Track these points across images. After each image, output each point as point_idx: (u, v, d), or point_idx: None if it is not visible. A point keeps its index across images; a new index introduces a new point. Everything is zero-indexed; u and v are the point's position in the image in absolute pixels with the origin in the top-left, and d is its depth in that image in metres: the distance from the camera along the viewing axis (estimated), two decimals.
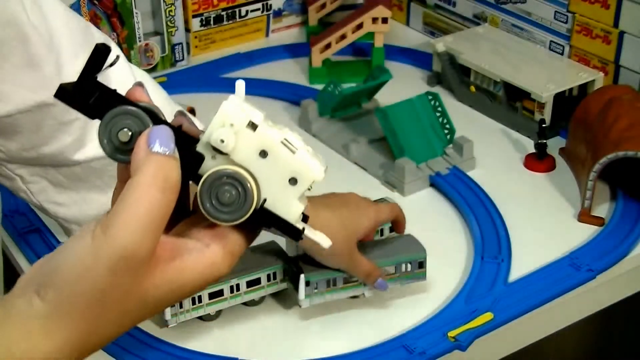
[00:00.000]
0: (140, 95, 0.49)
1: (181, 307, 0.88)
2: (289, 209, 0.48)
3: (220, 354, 0.87)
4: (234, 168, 0.47)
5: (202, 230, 0.49)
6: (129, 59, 1.42)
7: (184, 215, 0.51)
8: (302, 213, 0.50)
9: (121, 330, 0.49)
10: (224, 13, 1.52)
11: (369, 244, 0.94)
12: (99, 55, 0.46)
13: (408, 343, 0.87)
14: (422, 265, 0.93)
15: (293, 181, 0.48)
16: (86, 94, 0.47)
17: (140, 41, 1.41)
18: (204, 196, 0.47)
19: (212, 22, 1.51)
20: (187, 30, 1.48)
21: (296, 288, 0.91)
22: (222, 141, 0.47)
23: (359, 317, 0.93)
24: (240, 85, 0.50)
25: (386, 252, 0.93)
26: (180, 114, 0.51)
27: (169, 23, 1.43)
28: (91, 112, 0.47)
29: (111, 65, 0.48)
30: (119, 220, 0.44)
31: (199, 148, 0.48)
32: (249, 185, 0.47)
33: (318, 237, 0.50)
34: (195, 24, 1.49)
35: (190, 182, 0.49)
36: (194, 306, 0.89)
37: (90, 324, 0.46)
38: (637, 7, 1.20)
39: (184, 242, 0.48)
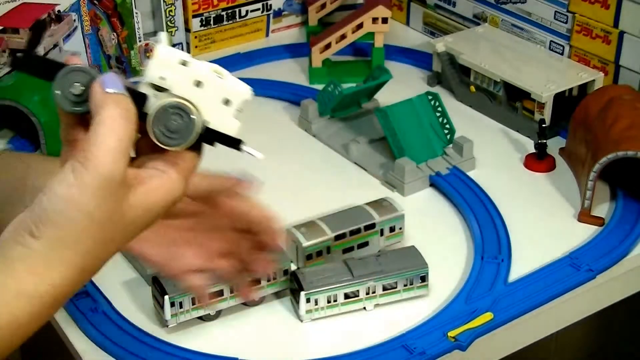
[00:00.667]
0: (76, 61, 0.55)
1: (181, 307, 0.88)
2: (228, 125, 0.56)
3: (220, 354, 0.87)
4: (176, 99, 0.55)
5: (156, 161, 0.56)
6: (129, 59, 1.42)
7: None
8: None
9: (109, 254, 0.54)
10: (224, 13, 1.52)
11: (371, 257, 0.94)
12: (37, 32, 0.58)
13: (408, 343, 0.87)
14: (424, 279, 0.93)
15: (226, 102, 0.56)
16: (35, 62, 0.55)
17: (140, 41, 1.42)
18: (156, 128, 0.54)
19: (212, 22, 1.51)
20: (187, 30, 1.48)
21: (297, 304, 0.91)
22: (163, 78, 0.54)
23: (359, 317, 0.93)
24: (163, 35, 0.58)
25: (388, 266, 0.93)
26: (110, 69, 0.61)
27: (169, 23, 1.43)
28: (45, 76, 0.55)
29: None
30: (96, 152, 0.51)
31: (141, 89, 0.55)
32: (192, 111, 0.55)
33: (252, 150, 0.60)
34: (195, 24, 1.49)
35: None
36: (194, 306, 0.89)
37: (86, 248, 0.52)
38: (637, 7, 1.20)
39: (144, 171, 0.55)
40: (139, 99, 0.54)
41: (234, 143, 0.57)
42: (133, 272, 0.99)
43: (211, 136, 0.56)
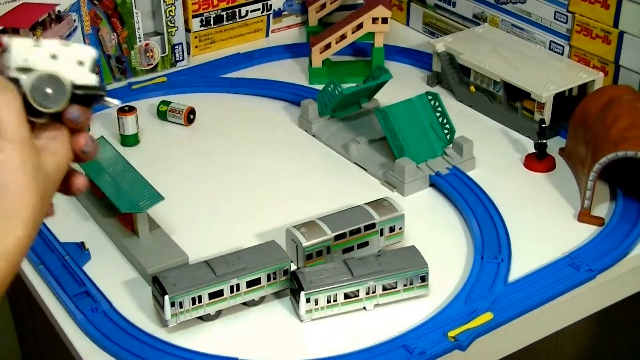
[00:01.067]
0: None
1: (181, 307, 0.88)
2: (88, 79, 0.65)
3: (220, 354, 0.87)
4: (42, 71, 0.63)
5: (44, 134, 0.63)
6: (129, 60, 1.42)
7: None
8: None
9: (47, 206, 0.62)
10: (224, 13, 1.52)
11: (371, 257, 0.94)
12: None
13: (408, 343, 0.87)
14: (424, 279, 0.93)
15: (80, 63, 0.65)
16: None
17: (140, 41, 1.42)
18: (36, 97, 0.62)
19: (212, 22, 1.51)
20: (187, 30, 1.48)
21: (297, 304, 0.91)
22: (25, 60, 0.63)
23: (359, 317, 0.93)
24: (10, 39, 0.65)
25: (388, 266, 0.93)
26: None
27: (169, 23, 1.43)
28: None
29: None
30: (3, 125, 0.60)
31: (12, 75, 0.63)
32: (57, 75, 0.63)
33: (111, 100, 0.67)
34: (195, 24, 1.49)
35: None
36: (194, 306, 0.89)
37: (34, 209, 0.60)
38: (637, 7, 1.20)
39: (42, 141, 0.63)
40: (13, 84, 0.64)
41: (97, 90, 0.65)
42: (133, 272, 0.99)
43: (79, 90, 0.64)
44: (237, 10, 1.53)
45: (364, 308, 0.93)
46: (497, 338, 0.91)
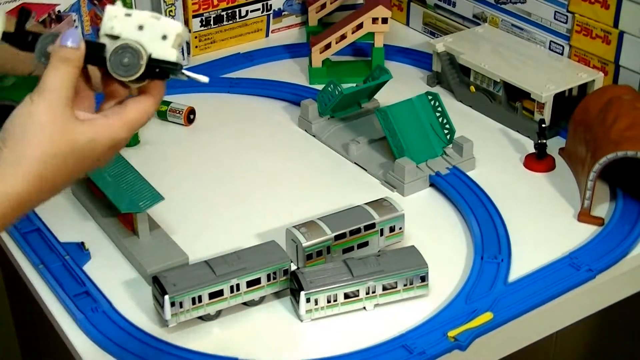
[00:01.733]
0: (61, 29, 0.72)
1: (181, 307, 0.88)
2: (168, 54, 0.68)
3: (220, 354, 0.87)
4: (125, 41, 0.67)
5: (105, 111, 0.68)
6: None
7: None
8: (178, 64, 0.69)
9: (65, 173, 0.66)
10: (224, 13, 1.52)
11: (371, 257, 0.94)
12: (23, 15, 0.71)
13: (408, 343, 0.87)
14: (424, 279, 0.93)
15: (164, 37, 0.68)
16: (23, 38, 0.70)
17: None
18: (113, 65, 0.67)
19: (212, 22, 1.51)
20: (187, 30, 1.48)
21: (297, 303, 0.91)
22: (112, 27, 0.67)
23: (359, 317, 0.93)
24: (106, 7, 0.69)
25: (388, 266, 0.93)
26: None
27: None
28: (27, 48, 0.69)
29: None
30: (44, 86, 0.65)
31: (100, 40, 0.68)
32: (137, 47, 0.67)
33: (195, 74, 0.70)
34: (195, 24, 1.49)
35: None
36: (194, 306, 0.89)
37: (44, 157, 0.63)
38: (637, 7, 1.20)
39: (93, 115, 0.68)
40: (99, 48, 0.68)
41: (175, 67, 0.68)
42: (133, 272, 0.99)
43: (155, 64, 0.68)
44: (237, 10, 1.53)
45: (364, 308, 0.93)
46: (497, 338, 0.91)
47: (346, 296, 0.92)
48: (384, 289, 0.93)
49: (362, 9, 1.39)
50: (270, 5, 1.56)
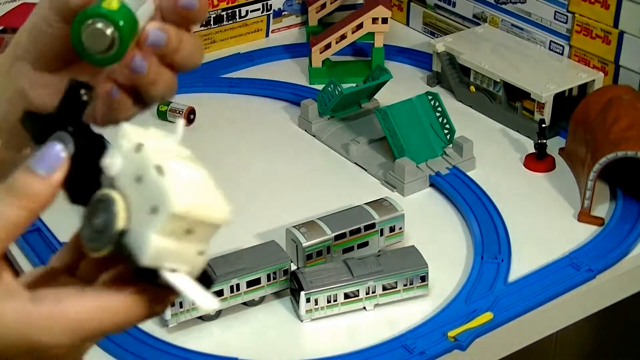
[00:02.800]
0: None
1: (181, 307, 0.88)
2: (142, 242, 0.41)
3: (220, 354, 0.87)
4: (105, 192, 0.43)
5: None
6: None
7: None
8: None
9: None
10: (224, 13, 1.52)
11: (371, 257, 0.94)
12: (73, 95, 0.45)
13: (408, 343, 0.87)
14: (424, 279, 0.93)
15: (154, 210, 0.41)
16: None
17: None
18: (84, 220, 0.45)
19: (212, 22, 1.51)
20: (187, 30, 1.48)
21: (297, 303, 0.91)
22: (111, 161, 0.43)
23: (359, 317, 0.93)
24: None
25: (388, 266, 0.93)
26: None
27: None
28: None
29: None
30: None
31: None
32: (114, 209, 0.42)
33: (197, 295, 0.43)
34: None
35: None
36: (194, 306, 0.89)
37: None
38: (637, 7, 1.20)
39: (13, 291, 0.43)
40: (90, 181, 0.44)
41: (143, 273, 0.42)
42: None
43: (124, 253, 0.42)
44: (237, 10, 1.53)
45: (364, 308, 0.93)
46: (497, 338, 0.91)
47: (346, 296, 0.92)
48: (384, 289, 0.93)
49: (362, 9, 1.39)
50: (270, 5, 1.56)
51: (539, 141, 1.16)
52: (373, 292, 0.92)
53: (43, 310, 0.42)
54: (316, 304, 0.91)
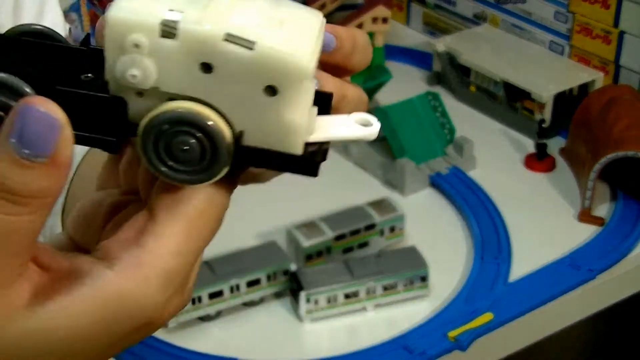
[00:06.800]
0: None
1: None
2: (282, 135, 0.32)
3: (220, 354, 0.87)
4: (176, 107, 0.31)
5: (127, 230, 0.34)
6: None
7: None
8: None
9: None
10: None
11: (371, 257, 0.94)
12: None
13: (408, 343, 0.87)
14: (424, 279, 0.93)
15: (270, 91, 0.31)
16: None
17: None
18: (151, 155, 0.32)
19: None
20: None
21: (297, 303, 0.91)
22: (134, 76, 0.31)
23: (359, 317, 0.93)
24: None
25: (388, 266, 0.93)
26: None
27: None
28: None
29: None
30: None
31: (115, 90, 0.32)
32: (210, 125, 0.32)
33: (359, 131, 0.35)
34: None
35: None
36: (194, 306, 0.89)
37: None
38: (637, 7, 1.20)
39: (80, 263, 0.34)
40: (111, 110, 0.32)
41: (301, 167, 0.34)
42: None
43: (255, 160, 0.33)
44: None
45: (364, 308, 0.93)
46: (497, 338, 0.91)
47: (346, 296, 0.91)
48: (384, 289, 0.93)
49: (362, 9, 1.39)
50: None
51: (539, 141, 1.16)
52: (373, 293, 0.92)
53: (130, 273, 0.33)
54: (316, 304, 0.90)
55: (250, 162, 0.33)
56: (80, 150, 0.56)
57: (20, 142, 0.30)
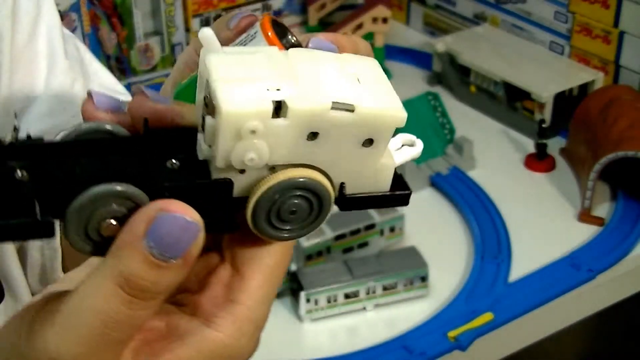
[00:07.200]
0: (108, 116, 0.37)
1: None
2: (377, 178, 0.36)
3: None
4: (291, 176, 0.33)
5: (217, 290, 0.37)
6: (129, 59, 1.42)
7: None
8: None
9: None
10: (224, 13, 1.52)
11: (371, 257, 0.94)
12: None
13: (408, 343, 0.87)
14: (424, 279, 0.93)
15: (368, 143, 0.34)
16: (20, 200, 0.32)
17: (140, 41, 1.41)
18: (259, 218, 0.34)
19: (212, 22, 1.51)
20: (187, 30, 1.48)
21: (297, 304, 0.91)
22: (252, 159, 0.33)
23: (359, 317, 0.93)
24: (207, 36, 0.34)
25: (388, 266, 0.93)
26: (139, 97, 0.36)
27: (168, 23, 1.43)
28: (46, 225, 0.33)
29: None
30: (52, 328, 0.33)
31: (216, 173, 0.34)
32: (321, 186, 0.34)
33: (409, 153, 0.39)
34: (195, 24, 1.49)
35: None
36: None
37: None
38: (637, 7, 1.20)
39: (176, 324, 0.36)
40: (219, 192, 0.34)
41: (394, 201, 0.38)
42: None
43: (355, 205, 0.36)
44: (237, 10, 1.53)
45: (364, 308, 0.93)
46: (497, 338, 0.91)
47: (346, 296, 0.91)
48: (384, 289, 0.93)
49: (362, 9, 1.39)
50: (270, 5, 1.56)
51: (539, 141, 1.16)
52: (373, 292, 0.92)
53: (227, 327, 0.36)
54: (316, 304, 0.90)
55: (351, 208, 0.36)
56: None
57: (156, 245, 0.32)
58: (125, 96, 0.67)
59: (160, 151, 0.34)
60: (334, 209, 0.35)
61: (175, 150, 0.34)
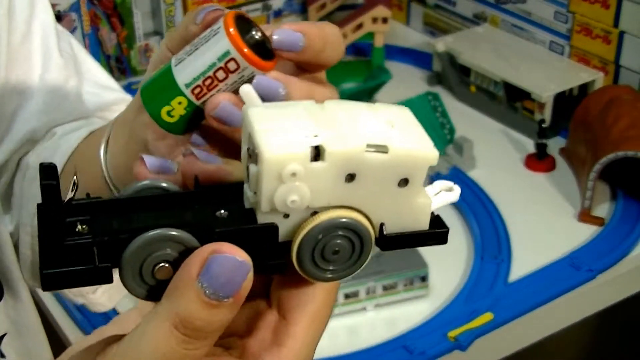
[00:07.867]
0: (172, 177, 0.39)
1: None
2: (415, 216, 0.38)
3: None
4: (337, 216, 0.35)
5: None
6: (129, 59, 1.42)
7: None
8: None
9: None
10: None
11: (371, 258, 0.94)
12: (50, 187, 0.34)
13: (408, 343, 0.87)
14: (424, 279, 0.93)
15: (403, 182, 0.36)
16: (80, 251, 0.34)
17: (140, 41, 1.41)
18: (304, 257, 0.36)
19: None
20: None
21: None
22: (294, 201, 0.35)
23: (359, 317, 0.93)
24: (247, 92, 0.37)
25: (388, 266, 0.93)
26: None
27: (169, 23, 1.43)
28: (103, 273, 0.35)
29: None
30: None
31: (262, 218, 0.36)
32: (364, 228, 0.36)
33: (448, 197, 0.41)
34: None
35: None
36: None
37: None
38: (637, 7, 1.20)
39: None
40: (265, 239, 0.36)
41: (434, 239, 0.39)
42: None
43: (395, 245, 0.38)
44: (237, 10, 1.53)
45: (364, 308, 0.93)
46: (497, 338, 0.91)
47: (346, 296, 0.91)
48: (384, 289, 0.92)
49: (362, 9, 1.39)
50: (270, 5, 1.56)
51: (539, 141, 1.16)
52: (373, 292, 0.92)
53: None
54: None
55: (392, 248, 0.37)
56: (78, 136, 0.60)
57: (210, 285, 0.33)
58: (117, 92, 0.68)
59: (210, 203, 0.37)
60: (376, 249, 0.37)
61: (224, 202, 0.37)
